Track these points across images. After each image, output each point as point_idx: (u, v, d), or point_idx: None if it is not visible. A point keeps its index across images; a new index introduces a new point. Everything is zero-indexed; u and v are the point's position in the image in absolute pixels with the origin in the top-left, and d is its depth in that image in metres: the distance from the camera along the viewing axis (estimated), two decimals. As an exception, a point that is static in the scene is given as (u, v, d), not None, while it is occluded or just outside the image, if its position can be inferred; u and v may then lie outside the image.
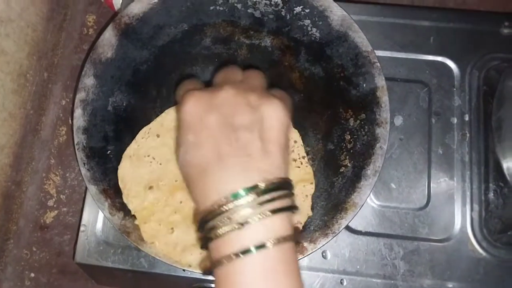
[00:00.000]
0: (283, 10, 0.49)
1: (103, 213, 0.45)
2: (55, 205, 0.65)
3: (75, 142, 0.46)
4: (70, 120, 0.68)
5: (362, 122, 0.47)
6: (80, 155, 0.46)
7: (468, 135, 0.51)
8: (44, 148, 0.67)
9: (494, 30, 0.55)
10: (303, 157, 0.47)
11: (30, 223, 0.64)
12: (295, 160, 0.47)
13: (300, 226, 0.45)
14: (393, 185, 0.51)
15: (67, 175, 0.66)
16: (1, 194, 0.59)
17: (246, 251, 0.29)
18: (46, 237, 0.64)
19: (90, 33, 0.72)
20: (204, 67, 0.52)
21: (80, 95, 0.47)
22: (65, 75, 0.70)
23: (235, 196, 0.29)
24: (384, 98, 0.46)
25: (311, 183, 0.46)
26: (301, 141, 0.49)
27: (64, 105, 0.69)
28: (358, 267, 0.48)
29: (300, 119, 0.51)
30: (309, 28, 0.49)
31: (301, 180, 0.46)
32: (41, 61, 0.65)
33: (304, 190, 0.45)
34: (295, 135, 0.49)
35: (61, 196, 0.65)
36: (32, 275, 0.62)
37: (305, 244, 0.44)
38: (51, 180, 0.66)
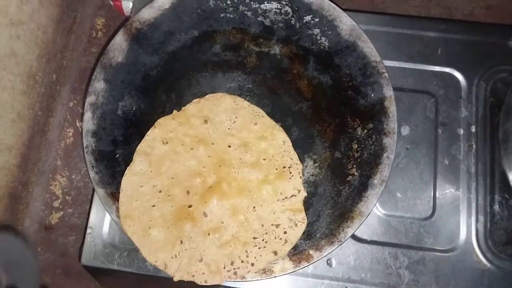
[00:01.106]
0: (293, 19, 0.50)
1: (110, 216, 0.45)
2: (60, 206, 0.65)
3: (84, 145, 0.47)
4: (77, 122, 0.69)
5: (370, 132, 0.47)
6: (89, 158, 0.46)
7: (474, 146, 0.52)
8: (51, 150, 0.67)
9: (501, 43, 0.55)
10: (296, 164, 0.48)
11: (36, 224, 0.65)
12: (285, 168, 0.48)
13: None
14: (399, 195, 0.51)
15: (73, 176, 0.67)
16: (8, 194, 0.59)
17: None
18: (51, 238, 0.64)
19: (99, 36, 0.72)
20: (214, 73, 0.53)
21: (90, 99, 0.48)
22: (73, 78, 0.70)
23: None
24: (392, 108, 0.47)
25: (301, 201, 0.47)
26: (290, 141, 0.49)
27: (72, 107, 0.69)
28: (363, 275, 0.48)
29: (307, 127, 0.51)
30: (318, 37, 0.50)
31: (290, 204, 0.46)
32: (50, 63, 0.65)
33: (293, 217, 0.46)
34: (282, 134, 0.49)
35: (67, 197, 0.66)
36: (36, 275, 0.63)
37: (311, 251, 0.44)
38: (57, 181, 0.66)
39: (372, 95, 0.47)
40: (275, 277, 0.44)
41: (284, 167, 0.48)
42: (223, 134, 0.49)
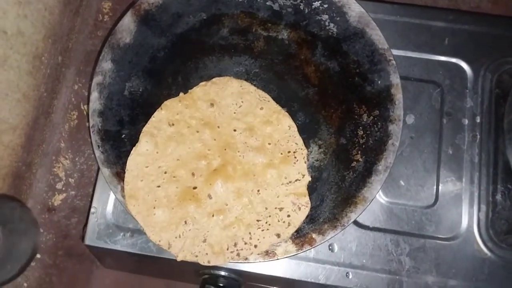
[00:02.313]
0: (301, 4, 0.50)
1: (115, 195, 0.46)
2: (63, 188, 0.66)
3: (91, 125, 0.47)
4: (82, 105, 0.69)
5: (376, 118, 0.47)
6: (94, 137, 0.46)
7: (478, 136, 0.52)
8: (55, 131, 0.67)
9: (508, 35, 0.55)
10: (301, 149, 0.48)
11: (38, 205, 0.65)
12: (289, 153, 0.48)
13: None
14: (402, 182, 0.51)
15: (77, 159, 0.67)
16: (11, 174, 0.59)
17: None
18: (53, 219, 0.64)
19: (105, 19, 0.72)
20: (221, 57, 0.53)
21: (97, 79, 0.48)
22: (78, 60, 0.70)
23: None
24: (398, 95, 0.47)
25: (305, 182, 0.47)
26: (295, 126, 0.49)
27: (77, 89, 0.69)
28: (364, 261, 0.49)
29: (313, 112, 0.51)
30: (326, 23, 0.50)
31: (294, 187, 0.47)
32: (56, 45, 0.65)
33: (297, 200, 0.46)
34: (288, 119, 0.49)
35: (70, 179, 0.66)
36: (38, 256, 0.63)
37: (314, 235, 0.44)
38: (60, 163, 0.66)
39: (379, 82, 0.48)
40: (277, 259, 0.44)
41: (289, 152, 0.48)
42: (229, 118, 0.50)
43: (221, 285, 0.48)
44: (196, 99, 0.50)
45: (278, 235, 0.45)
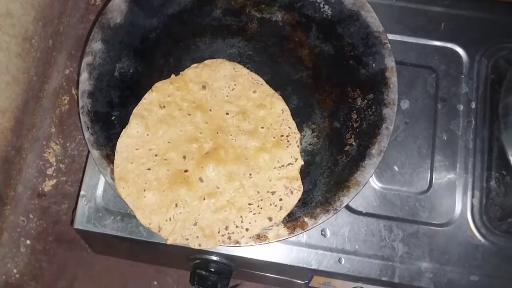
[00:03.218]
0: (296, -15, 0.49)
1: (105, 178, 0.45)
2: (54, 174, 0.65)
3: (80, 106, 0.46)
4: (73, 90, 0.68)
5: (370, 102, 0.47)
6: (84, 119, 0.45)
7: (473, 122, 0.51)
8: (45, 116, 0.66)
9: (505, 20, 0.55)
10: (294, 133, 0.47)
11: (28, 190, 0.64)
12: (282, 137, 0.47)
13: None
14: (396, 168, 0.51)
15: (67, 144, 0.66)
16: (0, 159, 0.59)
17: None
18: (43, 205, 0.64)
19: (97, 3, 0.71)
20: (213, 38, 0.52)
21: (87, 59, 0.47)
22: (69, 44, 0.69)
23: None
24: (393, 79, 0.46)
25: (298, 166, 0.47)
26: (288, 110, 0.48)
27: (68, 74, 0.68)
28: (357, 247, 0.48)
29: (307, 96, 0.51)
30: (321, 5, 0.49)
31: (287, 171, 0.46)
32: (46, 28, 0.64)
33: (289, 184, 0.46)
34: (281, 103, 0.49)
35: (61, 165, 0.65)
36: (28, 242, 0.62)
37: (306, 219, 0.44)
38: (51, 148, 0.66)
39: (374, 65, 0.47)
40: (269, 243, 0.43)
41: (282, 135, 0.48)
42: (221, 101, 0.49)
43: (212, 270, 0.48)
44: (188, 81, 0.49)
45: (270, 219, 0.44)
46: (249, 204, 0.45)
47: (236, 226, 0.44)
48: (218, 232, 0.43)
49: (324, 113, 0.50)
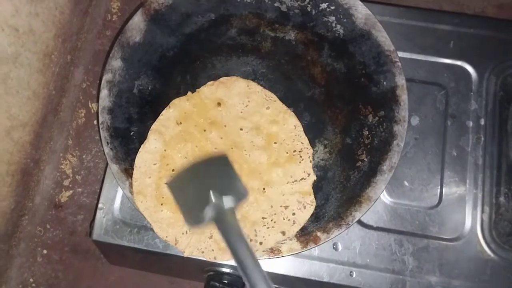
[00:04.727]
0: (309, 5, 0.51)
1: (123, 191, 0.46)
2: (70, 185, 0.66)
3: (100, 122, 0.47)
4: (89, 104, 0.70)
5: (381, 119, 0.48)
6: (104, 134, 0.47)
7: (482, 138, 0.52)
8: (62, 129, 0.68)
9: (513, 39, 0.56)
10: (306, 148, 0.48)
11: (45, 201, 0.65)
12: (295, 152, 0.48)
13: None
14: (406, 183, 0.52)
15: (84, 156, 0.68)
16: (20, 171, 0.60)
17: None
18: (60, 216, 0.65)
19: (114, 19, 0.73)
20: (228, 57, 0.54)
21: (107, 76, 0.48)
22: (87, 59, 0.71)
23: None
24: (403, 96, 0.48)
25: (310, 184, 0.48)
26: (301, 125, 0.50)
27: (85, 88, 0.70)
28: (368, 260, 0.49)
29: (319, 112, 0.52)
30: (333, 25, 0.50)
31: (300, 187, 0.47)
32: (65, 44, 0.66)
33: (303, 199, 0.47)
34: (293, 119, 0.50)
35: (77, 176, 0.67)
36: (45, 252, 0.64)
37: (319, 233, 0.45)
38: (68, 160, 0.67)
39: (385, 83, 0.48)
40: (282, 256, 0.44)
41: (295, 151, 0.49)
42: (236, 117, 0.50)
43: (226, 282, 0.49)
44: (204, 98, 0.51)
45: (283, 233, 0.45)
46: (263, 218, 0.46)
47: (250, 240, 0.45)
48: None
49: (336, 129, 0.51)
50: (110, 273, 0.63)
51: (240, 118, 0.50)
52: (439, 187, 0.51)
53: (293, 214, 0.46)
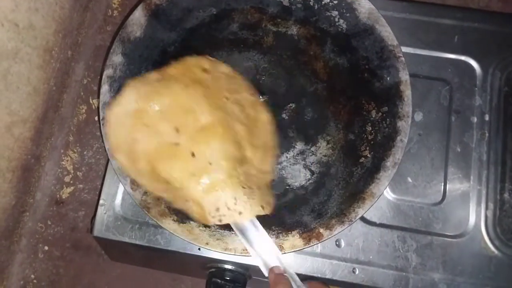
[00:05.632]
0: (311, 0, 0.50)
1: (124, 187, 0.46)
2: (71, 182, 0.66)
3: (101, 117, 0.47)
4: (90, 99, 0.69)
5: (384, 115, 0.47)
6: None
7: (487, 134, 0.52)
8: (63, 125, 0.68)
9: (518, 33, 0.55)
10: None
11: (47, 198, 0.65)
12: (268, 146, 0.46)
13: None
14: (409, 179, 0.51)
15: (85, 153, 0.67)
16: (21, 167, 0.60)
17: None
18: (61, 212, 0.65)
19: (114, 14, 0.73)
20: (230, 52, 0.53)
21: (108, 72, 0.48)
22: (87, 55, 0.71)
23: None
24: (407, 92, 0.47)
25: None
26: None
27: (86, 84, 0.70)
28: (371, 257, 0.49)
29: (322, 108, 0.51)
30: (336, 19, 0.50)
31: None
32: (66, 39, 0.66)
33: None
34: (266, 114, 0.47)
35: (78, 173, 0.67)
36: (46, 248, 0.64)
37: (321, 230, 0.44)
38: (68, 156, 0.67)
39: (388, 78, 0.48)
40: (284, 253, 0.44)
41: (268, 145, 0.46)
42: (221, 88, 0.46)
43: (228, 278, 0.48)
44: (190, 65, 0.46)
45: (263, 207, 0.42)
46: (243, 187, 0.42)
47: (228, 209, 0.41)
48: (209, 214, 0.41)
49: (339, 125, 0.50)
50: (112, 269, 0.63)
51: (226, 90, 0.45)
52: (443, 183, 0.51)
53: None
